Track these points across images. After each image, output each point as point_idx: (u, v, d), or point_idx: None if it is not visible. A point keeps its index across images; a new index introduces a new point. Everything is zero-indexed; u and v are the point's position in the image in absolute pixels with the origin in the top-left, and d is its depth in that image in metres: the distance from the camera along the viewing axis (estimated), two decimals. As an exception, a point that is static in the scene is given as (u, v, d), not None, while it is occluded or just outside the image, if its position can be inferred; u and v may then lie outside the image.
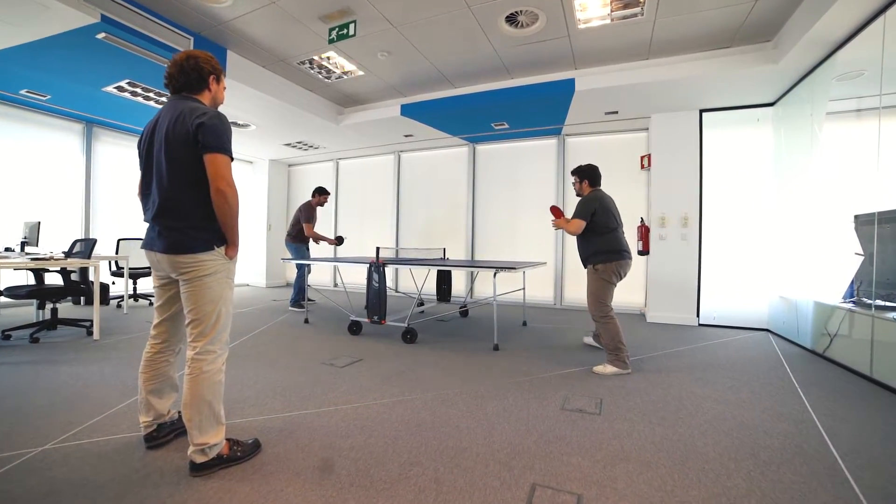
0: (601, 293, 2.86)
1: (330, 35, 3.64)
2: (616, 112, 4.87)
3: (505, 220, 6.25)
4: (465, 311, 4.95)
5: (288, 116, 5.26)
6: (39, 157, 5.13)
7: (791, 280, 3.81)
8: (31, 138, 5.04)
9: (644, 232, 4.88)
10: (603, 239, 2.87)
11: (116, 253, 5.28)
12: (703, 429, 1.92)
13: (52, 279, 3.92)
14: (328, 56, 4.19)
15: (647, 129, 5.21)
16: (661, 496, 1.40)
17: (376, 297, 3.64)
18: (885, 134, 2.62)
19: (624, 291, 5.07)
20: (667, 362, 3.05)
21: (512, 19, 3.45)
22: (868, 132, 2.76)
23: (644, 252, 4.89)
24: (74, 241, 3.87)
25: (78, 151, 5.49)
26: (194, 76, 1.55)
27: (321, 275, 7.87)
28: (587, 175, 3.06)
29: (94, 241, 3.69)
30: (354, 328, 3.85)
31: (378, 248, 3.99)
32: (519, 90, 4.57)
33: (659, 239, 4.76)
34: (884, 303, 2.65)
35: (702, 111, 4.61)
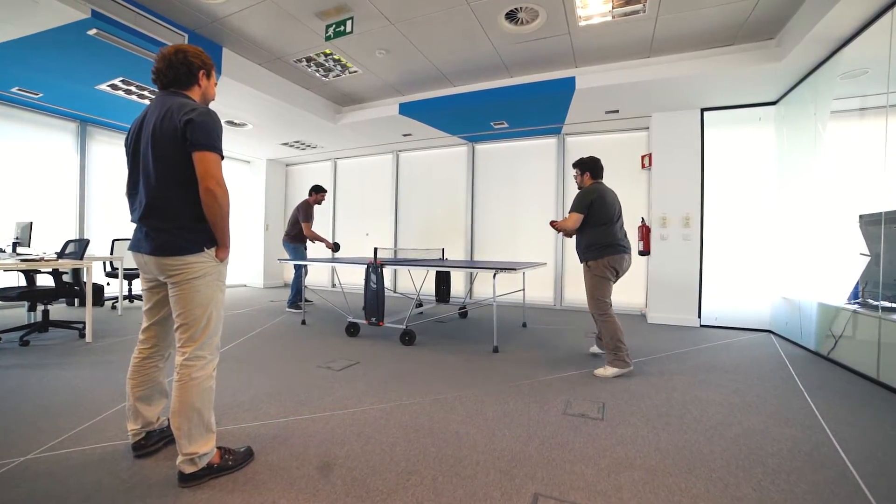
0: (597, 290, 2.78)
1: (327, 32, 3.58)
2: (617, 111, 4.82)
3: (504, 220, 6.20)
4: (464, 312, 4.90)
5: (285, 115, 5.20)
6: (33, 157, 5.06)
7: (794, 281, 3.77)
8: (24, 137, 4.97)
9: (645, 232, 4.84)
10: (595, 232, 2.77)
11: (111, 253, 5.22)
12: (709, 434, 1.87)
13: (45, 280, 3.85)
14: (325, 53, 4.13)
15: (648, 128, 5.17)
16: (669, 507, 1.35)
17: (374, 299, 3.58)
18: (892, 133, 2.57)
19: (624, 292, 5.04)
20: (669, 365, 3.00)
21: (512, 16, 3.40)
22: (874, 131, 2.71)
23: (645, 252, 4.85)
24: (66, 241, 3.81)
25: (72, 150, 5.42)
26: (183, 71, 1.49)
27: (319, 275, 7.81)
28: (588, 167, 2.96)
29: (86, 241, 3.62)
30: (352, 330, 3.80)
31: (376, 248, 3.94)
32: (518, 89, 4.52)
33: (660, 239, 4.71)
34: (890, 304, 2.60)
35: (703, 110, 4.56)
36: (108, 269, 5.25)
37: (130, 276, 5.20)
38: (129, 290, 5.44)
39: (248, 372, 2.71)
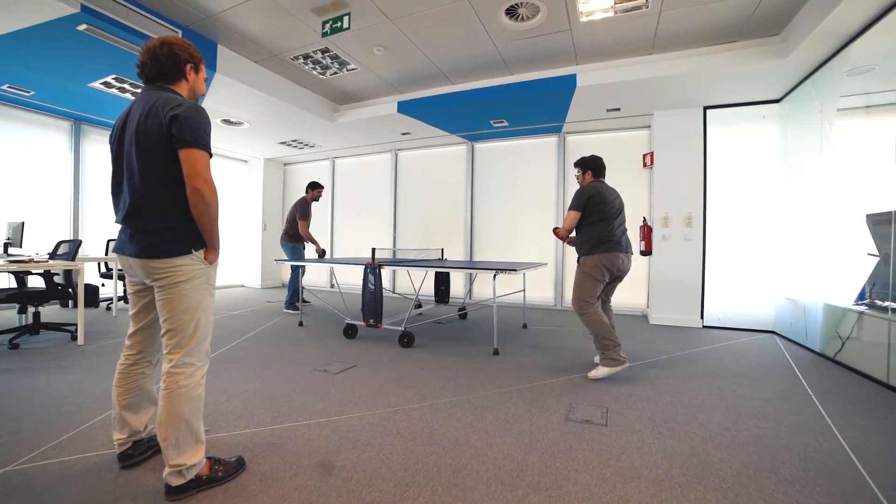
0: (583, 288, 2.67)
1: (323, 28, 3.51)
2: (618, 109, 4.76)
3: (504, 220, 6.13)
4: (463, 314, 4.84)
5: (282, 114, 5.13)
6: (26, 156, 4.98)
7: (799, 281, 3.71)
8: (16, 136, 4.89)
9: (646, 232, 4.78)
10: (591, 229, 2.68)
11: (106, 254, 5.15)
12: (717, 442, 1.81)
13: (37, 282, 3.78)
14: (322, 50, 4.06)
15: (650, 126, 5.11)
16: (679, 521, 1.29)
17: (372, 300, 3.52)
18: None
19: (625, 292, 4.96)
20: (673, 367, 2.94)
21: (512, 12, 3.33)
22: (883, 129, 2.65)
23: (647, 252, 4.79)
24: (58, 242, 3.74)
25: (66, 149, 5.34)
26: (169, 64, 1.42)
27: (317, 275, 7.74)
28: (590, 166, 2.89)
29: (78, 242, 3.55)
30: (350, 331, 3.73)
31: (374, 248, 3.87)
32: (519, 86, 4.45)
33: (662, 239, 4.65)
34: (900, 306, 2.55)
35: (706, 108, 4.50)
36: (103, 269, 5.18)
37: (125, 276, 5.12)
38: (124, 290, 5.33)
39: (244, 375, 2.65)
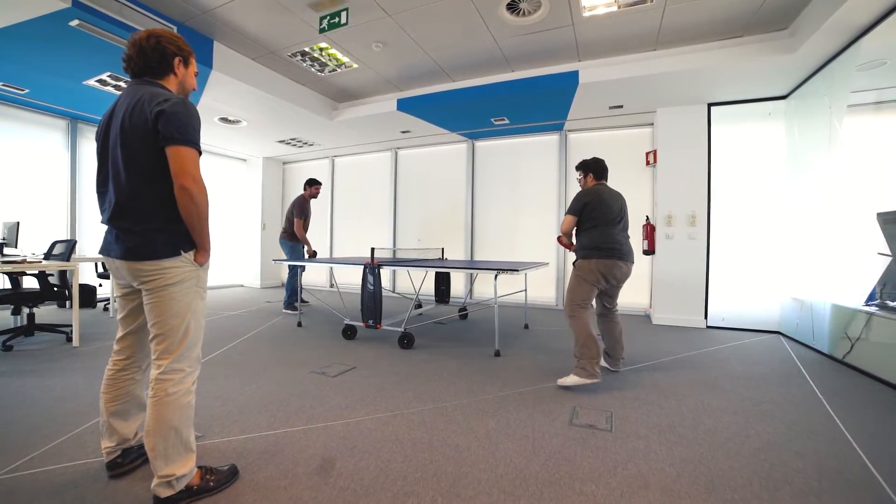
0: (576, 291, 2.57)
1: (321, 24, 3.44)
2: (621, 106, 4.68)
3: (505, 219, 6.06)
4: (464, 314, 4.78)
5: (280, 112, 5.06)
6: (22, 155, 4.93)
7: (805, 281, 3.65)
8: (12, 135, 4.83)
9: (649, 231, 4.71)
10: (589, 234, 2.60)
11: (103, 254, 5.08)
12: (727, 448, 1.75)
13: (33, 283, 3.73)
14: (320, 48, 3.99)
15: (653, 124, 5.04)
16: (689, 535, 1.23)
17: (371, 301, 3.46)
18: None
19: (628, 292, 4.89)
20: (677, 369, 2.88)
21: (513, 6, 3.26)
22: (895, 125, 2.58)
23: (649, 252, 4.73)
24: (53, 242, 3.69)
25: (62, 148, 5.29)
26: (156, 57, 1.36)
27: (316, 275, 7.69)
28: (591, 168, 2.81)
29: (73, 242, 3.50)
30: (349, 332, 3.68)
31: (373, 248, 3.81)
32: (520, 83, 4.38)
33: (665, 238, 4.58)
34: (912, 307, 2.49)
35: (710, 105, 4.42)
36: (101, 269, 5.13)
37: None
38: (122, 291, 5.31)
39: (240, 378, 2.59)
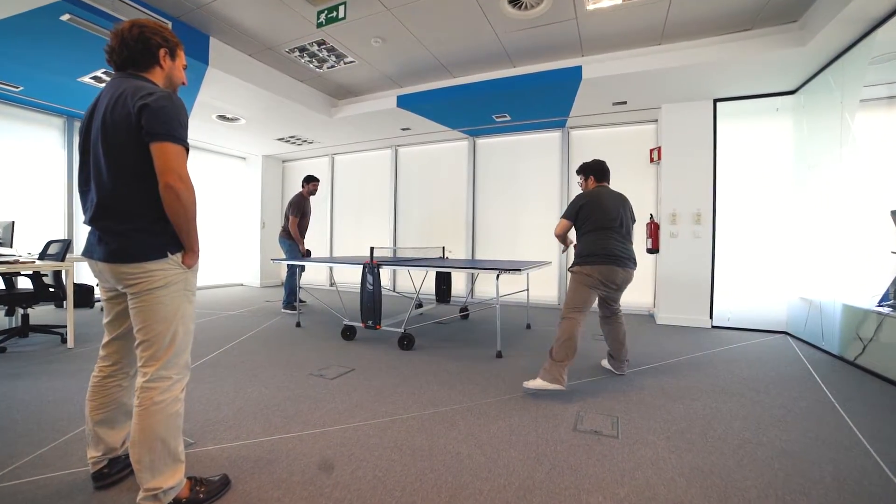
0: (573, 295, 2.49)
1: (318, 18, 3.37)
2: (625, 102, 4.60)
3: (507, 217, 5.99)
4: (465, 314, 4.71)
5: (279, 109, 5.00)
6: (19, 153, 4.88)
7: (814, 280, 3.57)
8: (7, 133, 4.77)
9: (653, 229, 4.64)
10: (587, 240, 2.53)
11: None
12: (739, 457, 1.69)
13: (27, 283, 3.68)
14: (318, 42, 3.91)
15: (657, 120, 4.95)
16: (703, 552, 1.16)
17: (371, 301, 3.40)
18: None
19: (632, 292, 4.80)
20: (684, 371, 2.81)
21: (515, 0, 3.18)
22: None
23: (653, 250, 4.65)
24: (48, 241, 3.64)
25: (59, 147, 5.23)
26: (139, 49, 1.29)
27: (316, 274, 7.63)
28: (592, 171, 2.73)
29: (68, 241, 3.44)
30: (348, 333, 3.61)
31: (372, 248, 3.74)
32: (522, 79, 4.30)
33: (669, 236, 4.51)
34: (928, 308, 2.41)
35: (716, 101, 4.34)
36: (98, 269, 5.08)
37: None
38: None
39: (236, 381, 2.53)
